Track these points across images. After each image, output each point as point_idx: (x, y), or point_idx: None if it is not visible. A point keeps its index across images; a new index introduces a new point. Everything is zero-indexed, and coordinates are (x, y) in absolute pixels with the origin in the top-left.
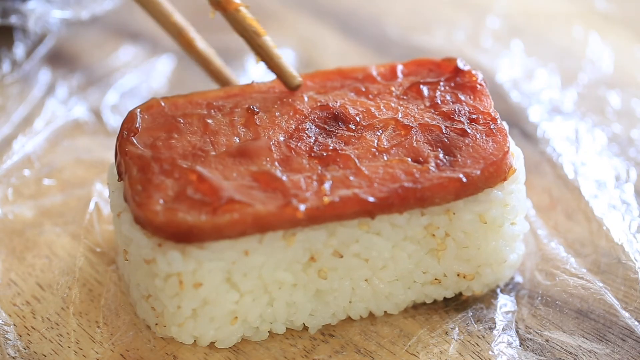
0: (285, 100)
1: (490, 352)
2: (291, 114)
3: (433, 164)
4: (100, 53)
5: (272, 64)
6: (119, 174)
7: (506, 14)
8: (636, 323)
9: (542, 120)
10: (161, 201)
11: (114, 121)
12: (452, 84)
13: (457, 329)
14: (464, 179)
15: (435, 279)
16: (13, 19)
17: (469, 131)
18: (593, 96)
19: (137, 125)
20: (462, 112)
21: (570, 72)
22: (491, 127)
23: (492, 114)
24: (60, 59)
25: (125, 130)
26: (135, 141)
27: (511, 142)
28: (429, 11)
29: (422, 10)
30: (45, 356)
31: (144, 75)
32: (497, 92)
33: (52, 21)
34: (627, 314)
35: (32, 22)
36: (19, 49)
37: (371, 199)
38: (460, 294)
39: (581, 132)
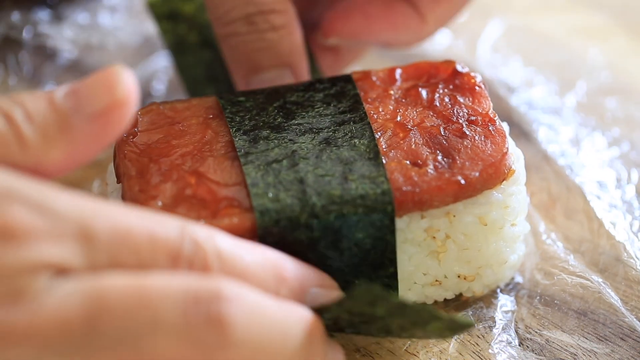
0: None
1: (490, 351)
2: None
3: (432, 166)
4: (100, 52)
5: None
6: (118, 176)
7: (505, 24)
8: (636, 322)
9: (543, 123)
10: (159, 203)
11: None
12: (451, 86)
13: None
14: (463, 181)
15: (436, 281)
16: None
17: (467, 133)
18: (593, 102)
19: (136, 128)
20: (460, 114)
21: (570, 78)
22: (490, 128)
23: (491, 115)
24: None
25: (124, 132)
26: (133, 143)
27: (511, 144)
28: None
29: None
30: None
31: (144, 76)
32: (497, 96)
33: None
34: (627, 313)
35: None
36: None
37: None
38: (461, 294)
39: (581, 135)
